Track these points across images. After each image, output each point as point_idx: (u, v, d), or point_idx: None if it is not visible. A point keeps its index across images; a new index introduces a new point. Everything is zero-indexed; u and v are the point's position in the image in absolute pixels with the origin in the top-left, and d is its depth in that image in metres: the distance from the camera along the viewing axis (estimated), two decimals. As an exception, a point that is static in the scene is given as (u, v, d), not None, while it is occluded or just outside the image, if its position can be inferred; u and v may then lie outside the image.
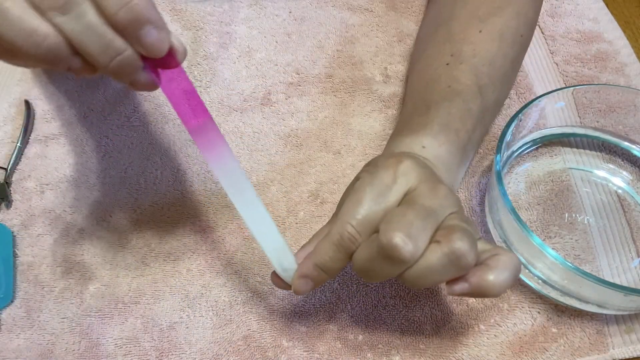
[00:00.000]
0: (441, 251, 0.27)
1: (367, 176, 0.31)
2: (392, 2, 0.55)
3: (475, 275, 0.28)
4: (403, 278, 0.29)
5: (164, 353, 0.36)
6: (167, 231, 0.41)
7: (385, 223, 0.28)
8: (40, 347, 0.37)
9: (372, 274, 0.29)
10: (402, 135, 0.37)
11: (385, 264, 0.28)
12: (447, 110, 0.37)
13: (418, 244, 0.27)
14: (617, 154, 0.44)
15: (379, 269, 0.28)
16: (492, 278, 0.28)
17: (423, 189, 0.29)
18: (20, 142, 0.45)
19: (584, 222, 0.40)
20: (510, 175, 0.43)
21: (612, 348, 0.36)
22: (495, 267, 0.28)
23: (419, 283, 0.28)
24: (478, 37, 0.39)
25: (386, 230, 0.27)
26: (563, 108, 0.43)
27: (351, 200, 0.30)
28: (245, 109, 0.48)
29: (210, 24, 0.53)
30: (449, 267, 0.28)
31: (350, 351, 0.36)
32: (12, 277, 0.39)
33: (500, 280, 0.28)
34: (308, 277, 0.31)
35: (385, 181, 0.30)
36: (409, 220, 0.27)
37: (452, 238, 0.27)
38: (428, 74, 0.40)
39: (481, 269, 0.28)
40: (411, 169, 0.30)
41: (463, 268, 0.28)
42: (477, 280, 0.28)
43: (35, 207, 0.43)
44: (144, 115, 0.48)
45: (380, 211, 0.29)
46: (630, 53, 0.50)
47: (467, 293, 0.29)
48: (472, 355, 0.36)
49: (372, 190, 0.30)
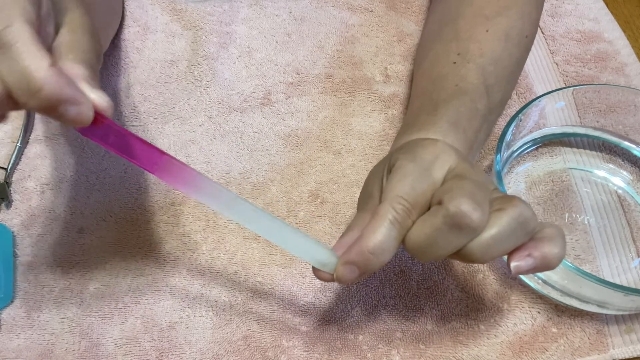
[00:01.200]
0: (508, 216, 0.27)
1: (406, 156, 0.30)
2: (392, 2, 0.55)
3: (537, 249, 0.28)
4: (470, 249, 0.28)
5: (164, 353, 0.36)
6: (167, 231, 0.41)
7: (447, 193, 0.27)
8: (40, 347, 0.37)
9: (434, 249, 0.28)
10: (410, 133, 0.36)
11: (452, 234, 0.27)
12: (455, 109, 0.37)
13: (485, 211, 0.27)
14: (617, 154, 0.44)
15: (443, 242, 0.27)
16: (555, 250, 0.28)
17: (465, 167, 0.30)
18: (20, 142, 0.45)
19: (584, 222, 0.40)
20: (510, 175, 0.43)
21: (612, 348, 0.36)
22: (551, 239, 0.28)
23: (485, 253, 0.28)
24: (484, 36, 0.39)
25: (452, 199, 0.27)
26: (563, 108, 0.43)
27: (396, 177, 0.29)
28: (245, 109, 0.48)
29: (210, 24, 0.53)
30: (517, 232, 0.27)
31: (350, 351, 0.36)
32: (12, 277, 0.39)
33: (559, 250, 0.28)
34: (355, 264, 0.28)
35: (427, 158, 0.30)
36: (470, 188, 0.27)
37: (516, 203, 0.27)
38: (435, 72, 0.40)
39: (541, 242, 0.28)
40: (448, 148, 0.30)
41: (528, 233, 0.28)
42: (541, 253, 0.28)
43: (35, 207, 0.43)
44: (144, 115, 0.48)
45: (427, 187, 0.29)
46: (630, 53, 0.50)
47: (532, 268, 0.28)
48: (472, 355, 0.36)
49: (416, 167, 0.29)
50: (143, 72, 0.50)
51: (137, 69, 0.51)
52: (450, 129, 0.36)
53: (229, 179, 0.44)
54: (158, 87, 0.49)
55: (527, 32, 0.41)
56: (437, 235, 0.27)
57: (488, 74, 0.38)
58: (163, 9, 0.55)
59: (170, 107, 0.48)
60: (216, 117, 0.47)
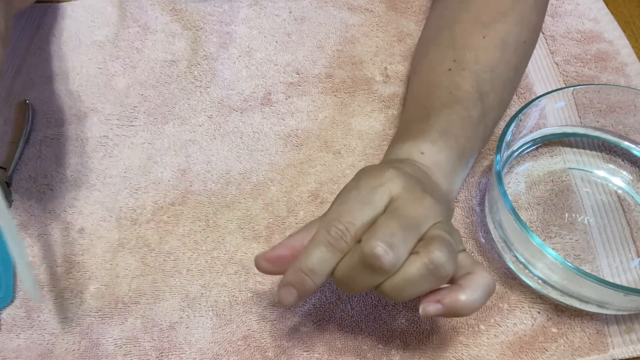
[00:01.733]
0: (420, 261, 0.28)
1: (352, 183, 0.32)
2: (392, 2, 0.55)
3: (448, 296, 0.29)
4: (383, 289, 0.29)
5: (164, 353, 0.36)
6: (167, 231, 0.41)
7: (368, 232, 0.29)
8: (40, 347, 0.37)
9: (352, 284, 0.29)
10: (402, 142, 0.37)
11: (366, 273, 0.28)
12: (447, 117, 0.37)
13: (399, 254, 0.28)
14: (617, 154, 0.44)
15: (359, 279, 0.29)
16: (464, 298, 0.29)
17: (407, 198, 0.30)
18: (20, 142, 0.45)
19: (584, 222, 0.40)
20: (510, 175, 0.43)
21: (612, 348, 0.36)
22: (467, 287, 0.29)
23: (399, 294, 0.29)
24: (481, 43, 0.39)
25: (368, 239, 0.28)
26: (563, 108, 0.43)
27: (337, 202, 0.31)
28: (245, 109, 0.48)
29: (210, 24, 0.53)
30: (427, 278, 0.28)
31: (350, 351, 0.36)
32: (12, 277, 0.39)
33: (472, 300, 0.29)
34: (292, 285, 0.30)
35: (370, 185, 0.30)
36: (391, 230, 0.28)
37: (431, 249, 0.28)
38: (430, 79, 0.41)
39: (454, 289, 0.29)
40: (395, 177, 0.31)
41: (442, 278, 0.28)
42: (450, 301, 0.29)
43: (35, 207, 0.43)
44: (144, 115, 0.48)
45: (366, 213, 0.29)
46: (630, 53, 0.50)
47: (440, 314, 0.29)
48: (472, 355, 0.36)
49: (358, 193, 0.30)
50: (143, 72, 0.50)
51: (137, 69, 0.51)
52: (440, 138, 0.36)
53: (229, 179, 0.44)
54: (158, 87, 0.49)
55: (526, 38, 0.41)
56: (354, 271, 0.29)
57: (483, 81, 0.38)
58: (163, 9, 0.55)
59: (170, 107, 0.48)
60: (216, 117, 0.47)
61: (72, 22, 0.54)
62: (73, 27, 0.54)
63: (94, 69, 0.51)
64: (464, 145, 0.37)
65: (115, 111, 0.48)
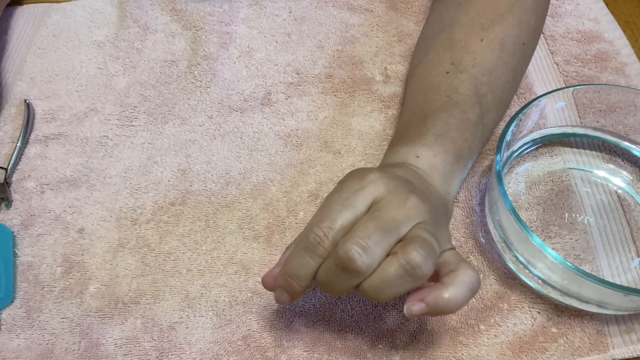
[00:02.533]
0: (397, 262, 0.28)
1: (336, 186, 0.32)
2: (392, 2, 0.55)
3: (431, 295, 0.29)
4: (362, 289, 0.29)
5: (164, 353, 0.36)
6: (167, 231, 0.41)
7: (345, 235, 0.29)
8: (40, 347, 0.37)
9: (333, 286, 0.30)
10: (399, 145, 0.37)
11: (344, 275, 0.29)
12: (444, 121, 0.37)
13: (374, 256, 0.28)
14: (617, 154, 0.44)
15: (338, 281, 0.29)
16: (447, 296, 0.29)
17: (390, 200, 0.30)
18: (20, 142, 0.45)
19: (584, 222, 0.40)
20: (510, 175, 0.43)
21: (612, 348, 0.36)
22: (450, 285, 0.29)
23: (378, 295, 0.29)
24: (479, 45, 0.39)
25: (344, 243, 0.28)
26: (563, 108, 0.43)
27: (321, 205, 0.31)
28: (245, 109, 0.48)
29: (210, 24, 0.53)
30: (404, 278, 0.28)
31: (350, 351, 0.36)
32: (12, 277, 0.39)
33: (455, 297, 0.29)
34: (282, 288, 0.31)
35: (352, 188, 0.31)
36: (367, 232, 0.28)
37: (408, 249, 0.28)
38: (428, 81, 0.41)
39: (437, 288, 0.29)
40: (378, 179, 0.31)
41: (419, 279, 0.28)
42: (433, 299, 0.29)
43: (35, 207, 0.43)
44: (144, 115, 0.48)
45: (346, 216, 0.30)
46: (630, 53, 0.50)
47: (425, 313, 0.29)
48: (472, 355, 0.36)
49: (340, 197, 0.30)
50: (143, 72, 0.50)
51: (137, 69, 0.51)
52: (436, 141, 0.36)
53: (228, 179, 0.44)
54: (158, 87, 0.49)
55: (524, 40, 0.41)
56: (332, 274, 0.29)
57: (481, 84, 0.38)
58: (163, 9, 0.55)
59: (170, 107, 0.48)
60: (216, 117, 0.47)
61: (72, 22, 0.55)
62: (73, 27, 0.54)
63: (94, 69, 0.51)
64: (461, 148, 0.37)
65: (115, 111, 0.48)
